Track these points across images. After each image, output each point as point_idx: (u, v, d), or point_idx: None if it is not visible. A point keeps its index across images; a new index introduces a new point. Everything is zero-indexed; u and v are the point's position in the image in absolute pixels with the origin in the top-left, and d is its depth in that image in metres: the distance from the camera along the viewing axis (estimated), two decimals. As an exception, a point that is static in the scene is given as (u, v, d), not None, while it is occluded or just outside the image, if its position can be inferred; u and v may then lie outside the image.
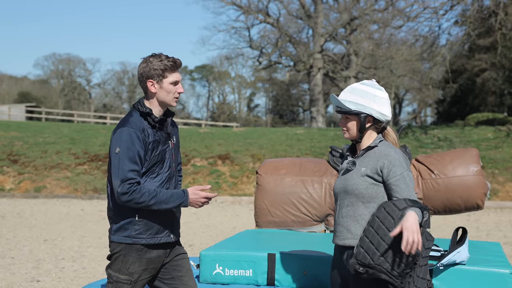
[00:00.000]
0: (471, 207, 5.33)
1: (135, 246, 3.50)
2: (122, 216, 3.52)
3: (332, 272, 3.62)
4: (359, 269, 3.24)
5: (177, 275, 3.66)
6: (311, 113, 40.63)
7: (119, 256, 3.52)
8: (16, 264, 8.84)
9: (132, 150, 3.43)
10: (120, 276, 3.51)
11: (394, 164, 3.34)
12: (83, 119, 43.42)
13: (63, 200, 18.86)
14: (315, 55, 39.05)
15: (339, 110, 3.47)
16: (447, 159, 5.42)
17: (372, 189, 3.38)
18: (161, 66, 3.51)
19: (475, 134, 23.51)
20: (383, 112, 3.42)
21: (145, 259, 3.52)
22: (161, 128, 3.58)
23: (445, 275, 4.06)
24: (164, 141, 3.57)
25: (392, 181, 3.33)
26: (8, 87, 65.88)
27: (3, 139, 24.21)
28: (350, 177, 3.45)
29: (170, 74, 3.54)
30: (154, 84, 3.54)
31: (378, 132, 3.52)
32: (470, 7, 24.77)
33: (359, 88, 3.47)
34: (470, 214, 15.51)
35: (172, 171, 3.62)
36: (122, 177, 3.39)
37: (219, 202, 18.63)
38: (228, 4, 39.73)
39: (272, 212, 5.54)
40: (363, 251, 3.24)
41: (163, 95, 3.55)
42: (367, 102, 3.40)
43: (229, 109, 68.26)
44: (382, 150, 3.41)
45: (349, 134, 3.49)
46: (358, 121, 3.44)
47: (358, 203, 3.40)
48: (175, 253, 3.69)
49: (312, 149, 22.41)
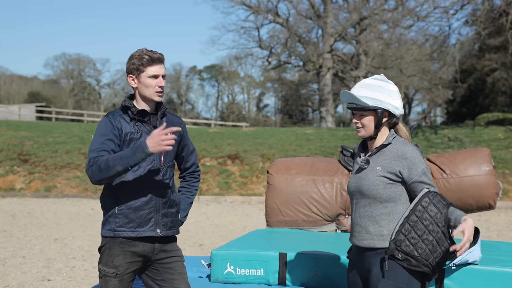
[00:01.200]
0: (483, 207, 5.31)
1: (118, 239, 3.50)
2: (106, 210, 3.55)
3: (349, 272, 3.59)
4: (398, 255, 3.23)
5: (168, 277, 3.62)
6: (321, 113, 40.58)
7: (105, 249, 3.53)
8: (27, 263, 8.87)
9: (103, 134, 3.45)
10: (107, 270, 3.51)
11: (413, 162, 3.32)
12: (92, 119, 43.55)
13: (73, 200, 18.93)
14: (324, 55, 38.99)
15: (354, 107, 3.40)
16: (459, 158, 5.40)
17: (390, 189, 3.34)
18: (138, 61, 3.51)
19: (485, 134, 23.42)
20: (398, 106, 3.40)
21: (129, 252, 3.51)
22: (143, 120, 3.56)
23: (457, 275, 4.04)
24: (146, 133, 3.52)
25: (416, 179, 3.30)
26: (18, 87, 66.18)
27: (14, 139, 24.32)
28: (365, 176, 3.40)
29: (148, 68, 3.51)
30: (134, 79, 3.55)
31: (390, 128, 3.48)
32: (481, 7, 24.67)
33: (372, 83, 3.41)
34: (481, 214, 15.45)
35: (158, 164, 3.56)
36: (89, 158, 3.39)
37: (229, 202, 18.65)
38: (237, 4, 39.73)
39: (283, 212, 5.54)
40: (405, 238, 3.23)
41: (143, 89, 3.54)
42: (384, 97, 3.36)
43: (238, 109, 68.29)
44: (399, 149, 3.36)
45: (365, 131, 3.42)
46: (375, 117, 3.38)
47: (376, 203, 3.37)
48: (168, 254, 3.64)
49: (322, 149, 22.39)
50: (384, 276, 3.28)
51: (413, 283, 3.28)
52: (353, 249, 3.58)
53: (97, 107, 68.51)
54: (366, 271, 3.43)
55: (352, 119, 3.48)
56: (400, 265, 3.26)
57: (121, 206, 3.50)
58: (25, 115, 44.01)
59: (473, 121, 34.34)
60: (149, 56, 3.52)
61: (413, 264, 3.23)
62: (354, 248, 3.57)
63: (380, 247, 3.35)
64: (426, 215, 3.23)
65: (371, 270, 3.37)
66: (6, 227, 12.52)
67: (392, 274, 3.28)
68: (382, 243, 3.34)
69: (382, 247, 3.34)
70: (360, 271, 3.49)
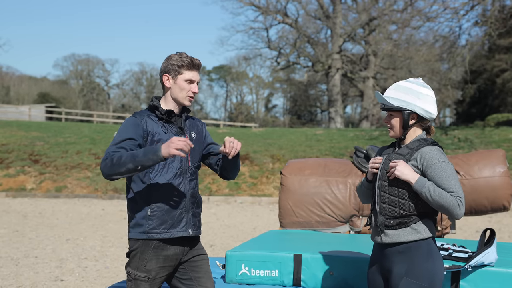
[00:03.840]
0: (497, 208, 5.29)
1: (152, 242, 3.51)
2: (136, 212, 3.54)
3: (369, 272, 3.60)
4: (389, 223, 3.42)
5: (195, 276, 3.65)
6: (329, 113, 40.55)
7: (137, 253, 3.54)
8: (40, 263, 8.91)
9: (126, 133, 3.46)
10: (138, 274, 3.52)
11: (424, 157, 3.34)
12: (101, 119, 43.66)
13: (83, 200, 18.99)
14: (333, 55, 38.98)
15: (383, 107, 3.47)
16: (473, 160, 5.38)
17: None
18: (178, 62, 3.56)
19: (496, 135, 23.33)
20: (428, 109, 3.42)
21: (162, 256, 3.53)
22: (169, 120, 3.59)
23: (473, 277, 4.03)
24: (174, 134, 3.57)
25: (426, 174, 3.33)
26: (28, 88, 66.44)
27: (25, 139, 24.43)
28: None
29: (186, 72, 3.58)
30: (169, 79, 3.60)
31: (423, 130, 3.51)
32: (491, 7, 24.56)
33: (403, 85, 3.47)
34: (492, 216, 15.40)
35: (186, 166, 3.60)
36: (106, 153, 3.39)
37: (239, 203, 18.66)
38: (246, 5, 39.79)
39: (297, 213, 5.54)
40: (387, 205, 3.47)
41: (176, 91, 3.58)
42: (411, 99, 3.40)
43: (247, 110, 68.31)
44: (417, 147, 3.40)
45: (393, 131, 3.48)
46: (401, 118, 3.44)
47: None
48: (194, 253, 3.68)
49: (331, 149, 22.36)
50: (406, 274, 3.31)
51: (436, 280, 3.30)
52: (374, 248, 3.59)
53: (106, 107, 68.68)
54: (387, 271, 3.44)
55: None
56: (422, 263, 3.28)
57: (153, 208, 3.51)
58: (35, 116, 44.19)
59: (482, 122, 34.23)
60: (191, 61, 3.58)
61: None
62: (375, 246, 3.58)
63: (400, 241, 3.37)
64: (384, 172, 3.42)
65: (392, 269, 3.39)
66: (18, 227, 12.58)
67: (413, 273, 3.29)
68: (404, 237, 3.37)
69: (402, 241, 3.37)
70: (381, 271, 3.50)
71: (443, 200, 3.24)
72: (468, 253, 4.20)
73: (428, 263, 3.32)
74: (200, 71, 3.68)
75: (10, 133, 25.61)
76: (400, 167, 3.31)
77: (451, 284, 4.04)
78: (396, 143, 3.58)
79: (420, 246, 3.35)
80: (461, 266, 4.00)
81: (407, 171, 3.30)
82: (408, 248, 3.35)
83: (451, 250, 4.26)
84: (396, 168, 3.31)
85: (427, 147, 3.38)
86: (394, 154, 3.45)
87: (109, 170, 3.32)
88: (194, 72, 3.61)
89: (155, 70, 70.00)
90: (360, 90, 43.85)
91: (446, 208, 3.25)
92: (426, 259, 3.32)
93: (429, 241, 3.37)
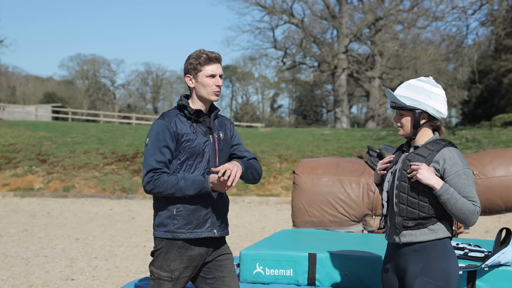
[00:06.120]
0: (511, 207, 5.28)
1: (176, 242, 3.50)
2: (161, 211, 3.53)
3: (384, 271, 3.59)
4: (408, 224, 3.41)
5: (219, 275, 3.63)
6: (335, 113, 40.54)
7: (161, 253, 3.53)
8: (50, 262, 8.93)
9: (160, 140, 3.46)
10: (162, 273, 3.51)
11: (448, 162, 3.32)
12: (107, 119, 43.74)
13: (91, 200, 19.03)
14: (339, 55, 38.97)
15: (394, 106, 3.45)
16: (487, 159, 5.37)
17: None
18: (196, 60, 3.54)
19: (504, 135, 23.26)
20: (439, 109, 3.40)
21: (186, 256, 3.52)
22: (198, 120, 3.58)
23: (489, 276, 4.02)
24: (202, 135, 3.56)
25: (447, 179, 3.31)
26: (33, 88, 66.62)
27: (32, 139, 24.49)
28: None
29: (205, 67, 3.54)
30: (191, 78, 3.58)
31: (433, 130, 3.49)
32: (498, 7, 24.45)
33: (415, 84, 3.44)
34: (501, 216, 15.35)
35: (214, 166, 3.57)
36: (147, 168, 3.45)
37: (247, 203, 18.66)
38: (252, 5, 39.81)
39: (309, 212, 5.53)
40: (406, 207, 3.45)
41: (200, 89, 3.56)
42: (423, 98, 3.38)
43: (253, 110, 68.31)
44: (437, 149, 3.38)
45: (404, 130, 3.46)
46: (412, 117, 3.41)
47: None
48: (218, 253, 3.66)
49: (339, 149, 22.35)
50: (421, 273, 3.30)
51: (451, 280, 3.29)
52: (389, 247, 3.58)
53: (112, 107, 68.79)
54: (402, 270, 3.43)
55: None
56: (437, 262, 3.27)
57: (179, 207, 3.50)
58: (41, 116, 44.31)
59: (488, 122, 34.13)
60: (207, 55, 3.55)
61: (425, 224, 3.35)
62: (389, 245, 3.57)
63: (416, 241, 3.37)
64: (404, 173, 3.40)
65: (407, 268, 3.38)
66: (27, 227, 12.61)
67: (428, 272, 3.29)
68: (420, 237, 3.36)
69: (418, 241, 3.36)
70: (396, 270, 3.50)
71: (466, 208, 3.26)
72: (484, 253, 4.19)
73: (443, 262, 3.31)
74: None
75: (18, 133, 25.68)
76: (423, 171, 3.27)
77: (467, 283, 4.04)
78: (406, 143, 3.57)
79: (436, 245, 3.34)
80: (477, 265, 4.00)
81: (431, 176, 3.27)
82: (424, 247, 3.34)
83: (467, 249, 4.25)
84: (419, 172, 3.28)
85: (447, 149, 3.37)
86: (413, 155, 3.43)
87: (152, 192, 3.46)
88: (214, 65, 3.57)
89: (161, 70, 70.17)
90: (366, 90, 43.85)
91: (466, 216, 3.27)
92: (441, 258, 3.32)
93: (445, 240, 3.37)
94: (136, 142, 23.96)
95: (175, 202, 3.49)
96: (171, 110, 3.61)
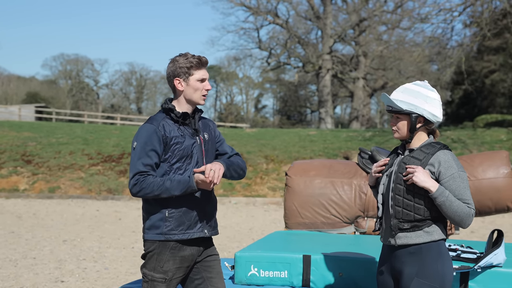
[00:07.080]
0: (501, 209, 5.35)
1: (169, 243, 3.54)
2: (153, 214, 3.56)
3: (379, 273, 3.63)
4: (403, 226, 3.46)
5: (207, 276, 3.69)
6: (320, 114, 40.61)
7: (153, 254, 3.56)
8: (39, 264, 8.89)
9: (147, 144, 3.50)
10: (155, 275, 3.55)
11: (443, 165, 3.37)
12: (91, 120, 43.51)
13: (77, 201, 18.93)
14: (323, 56, 39.05)
15: (390, 110, 3.49)
16: (477, 161, 5.44)
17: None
18: (187, 64, 3.57)
19: (488, 136, 23.46)
20: (435, 113, 3.45)
21: (178, 257, 3.56)
22: (185, 123, 3.62)
23: (482, 277, 4.08)
24: (190, 137, 3.60)
25: (443, 182, 3.36)
26: (16, 88, 66.06)
27: (17, 140, 24.31)
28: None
29: (196, 71, 3.59)
30: (181, 82, 3.60)
31: (428, 133, 3.55)
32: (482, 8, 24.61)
33: (411, 88, 3.49)
34: (494, 217, 15.44)
35: (202, 166, 3.62)
36: (134, 171, 3.49)
37: (233, 203, 18.67)
38: (237, 5, 39.78)
39: (302, 214, 5.57)
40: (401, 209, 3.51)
41: (190, 92, 3.60)
42: (419, 103, 3.43)
43: (237, 110, 68.30)
44: (432, 152, 3.43)
45: (399, 134, 3.51)
46: (409, 121, 3.47)
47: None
48: (207, 253, 3.72)
49: (325, 150, 22.41)
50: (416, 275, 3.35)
51: (446, 281, 3.35)
52: (384, 249, 3.63)
53: (95, 107, 68.44)
54: (398, 272, 3.48)
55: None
56: (432, 264, 3.32)
57: (171, 209, 3.54)
58: (24, 116, 43.97)
59: (471, 122, 34.42)
60: (199, 60, 3.60)
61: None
62: (384, 248, 3.62)
63: (412, 243, 3.42)
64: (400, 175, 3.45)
65: (403, 270, 3.43)
66: (14, 228, 12.54)
67: (424, 273, 3.34)
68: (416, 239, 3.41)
69: (414, 243, 3.41)
70: (392, 272, 3.54)
71: (461, 210, 3.31)
72: (476, 254, 4.26)
73: (439, 264, 3.37)
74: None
75: (2, 134, 25.47)
76: (419, 173, 3.32)
77: (460, 284, 4.10)
78: (400, 146, 3.62)
79: (431, 247, 3.39)
80: (470, 267, 4.05)
81: (427, 179, 3.32)
82: (419, 249, 3.39)
83: (459, 251, 4.32)
84: (415, 175, 3.33)
85: (442, 152, 3.42)
86: (409, 158, 3.48)
87: (139, 194, 3.48)
88: (204, 70, 3.63)
89: (145, 70, 69.93)
90: (350, 91, 43.97)
91: (461, 218, 3.32)
92: (437, 260, 3.37)
93: (440, 242, 3.42)
94: (122, 142, 23.86)
95: (167, 205, 3.53)
96: (158, 114, 3.65)
